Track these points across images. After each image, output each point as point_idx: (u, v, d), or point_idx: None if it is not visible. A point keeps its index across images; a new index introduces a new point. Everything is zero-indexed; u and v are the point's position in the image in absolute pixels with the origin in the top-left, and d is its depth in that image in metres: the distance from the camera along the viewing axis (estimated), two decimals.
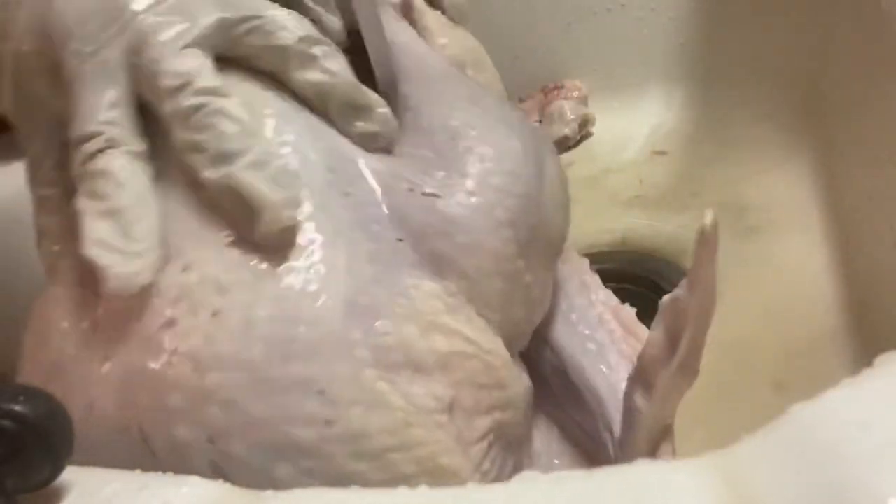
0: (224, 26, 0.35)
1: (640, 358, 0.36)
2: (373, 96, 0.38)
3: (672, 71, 0.83)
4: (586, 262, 0.47)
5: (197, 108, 0.33)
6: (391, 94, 0.41)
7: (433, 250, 0.36)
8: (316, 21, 0.38)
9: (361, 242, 0.34)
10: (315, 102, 0.37)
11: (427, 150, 0.38)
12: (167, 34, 0.34)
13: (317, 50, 0.36)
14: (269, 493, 0.27)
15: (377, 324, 0.33)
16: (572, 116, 0.81)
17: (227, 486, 0.28)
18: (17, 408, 0.26)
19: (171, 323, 0.32)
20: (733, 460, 0.24)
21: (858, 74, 0.62)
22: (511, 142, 0.39)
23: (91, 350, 0.33)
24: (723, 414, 0.49)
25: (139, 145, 0.34)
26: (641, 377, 0.36)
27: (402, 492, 0.27)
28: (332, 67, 0.37)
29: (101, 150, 0.33)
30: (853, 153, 0.62)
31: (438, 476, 0.33)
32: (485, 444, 0.35)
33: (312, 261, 0.33)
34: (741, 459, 0.24)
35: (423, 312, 0.34)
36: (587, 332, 0.44)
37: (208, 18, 0.35)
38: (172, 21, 0.34)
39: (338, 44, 0.39)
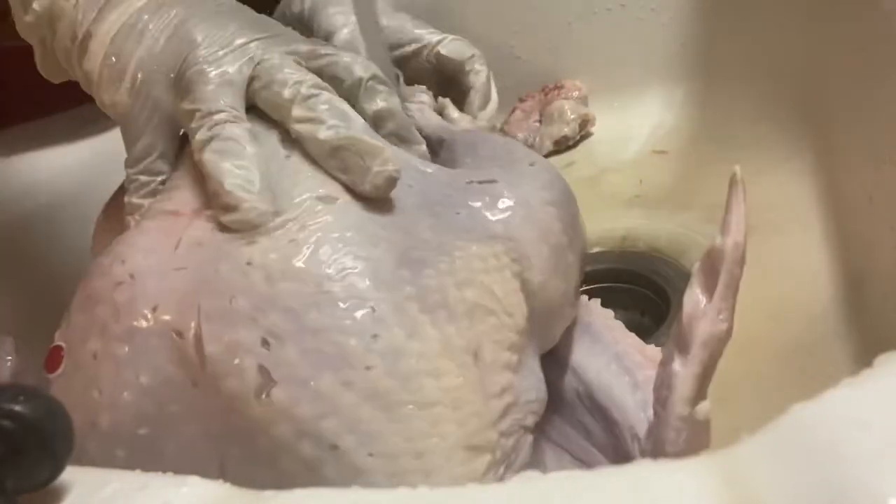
0: (312, 56, 0.44)
1: (677, 323, 0.38)
2: (418, 135, 0.47)
3: (672, 71, 0.83)
4: (610, 312, 0.50)
5: (313, 95, 0.41)
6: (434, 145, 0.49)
7: (486, 219, 0.42)
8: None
9: (424, 217, 0.41)
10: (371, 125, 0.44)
11: (485, 158, 0.46)
12: (275, 54, 0.43)
13: (381, 87, 0.45)
14: (270, 493, 0.28)
15: (424, 271, 0.38)
16: (572, 116, 0.81)
17: (227, 485, 0.28)
18: (17, 408, 0.26)
19: (251, 241, 0.38)
20: (733, 460, 0.24)
21: (858, 74, 0.62)
22: (550, 166, 0.47)
23: (168, 262, 0.38)
24: (723, 414, 0.49)
25: (248, 123, 0.42)
26: (678, 342, 0.38)
27: (402, 492, 0.27)
28: (392, 101, 0.45)
29: (227, 122, 0.41)
30: (853, 153, 0.62)
31: (459, 407, 0.36)
32: (502, 403, 0.38)
33: (381, 218, 0.39)
34: (741, 459, 0.24)
35: (461, 269, 0.39)
36: (613, 359, 0.46)
37: (303, 47, 0.44)
38: (276, 46, 0.43)
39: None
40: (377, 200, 0.40)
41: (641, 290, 0.69)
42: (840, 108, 0.65)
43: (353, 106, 0.43)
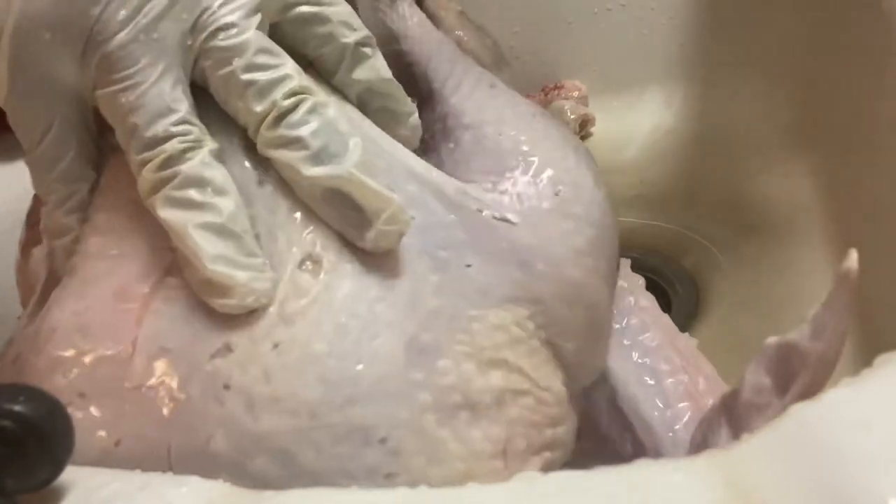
0: (285, 5, 0.32)
1: (733, 396, 0.33)
2: (408, 101, 0.37)
3: (672, 71, 0.83)
4: (641, 280, 0.43)
5: (292, 109, 0.30)
6: (426, 99, 0.39)
7: (505, 276, 0.34)
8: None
9: (427, 273, 0.32)
10: (355, 102, 0.36)
11: (496, 174, 0.36)
12: (235, 11, 0.30)
13: (369, 50, 0.35)
14: (269, 493, 0.27)
15: (438, 363, 0.31)
16: (572, 116, 0.81)
17: (227, 485, 0.28)
18: (17, 408, 0.26)
19: (225, 349, 0.30)
20: (733, 460, 0.24)
21: (858, 74, 0.62)
22: (582, 169, 0.37)
23: (125, 376, 0.30)
24: None
25: (213, 142, 0.31)
26: (730, 420, 0.33)
27: (402, 492, 0.27)
28: (378, 67, 0.35)
29: (184, 152, 0.30)
30: (853, 153, 0.62)
31: None
32: None
33: (379, 286, 0.31)
34: (741, 459, 0.24)
35: (483, 348, 0.32)
36: (644, 360, 0.40)
37: None
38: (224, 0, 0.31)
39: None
40: (373, 255, 0.32)
41: None
42: (840, 108, 0.65)
43: (334, 76, 0.34)
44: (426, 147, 0.38)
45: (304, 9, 0.32)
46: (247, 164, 0.32)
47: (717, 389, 0.39)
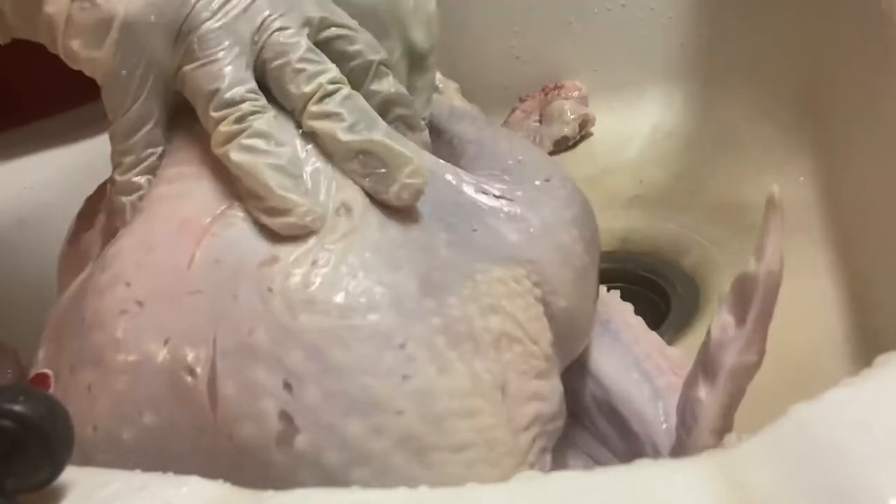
0: (324, 25, 0.40)
1: (704, 347, 0.37)
2: (419, 112, 0.43)
3: (672, 71, 0.83)
4: (630, 306, 0.48)
5: (333, 92, 0.38)
6: (433, 133, 0.46)
7: (506, 240, 0.39)
8: None
9: (439, 232, 0.38)
10: (377, 111, 0.41)
11: (496, 168, 0.43)
12: (290, 24, 0.38)
13: (388, 70, 0.42)
14: (269, 493, 0.27)
15: (447, 299, 0.35)
16: (572, 116, 0.81)
17: (228, 486, 0.28)
18: (17, 408, 0.26)
19: (272, 260, 0.34)
20: (734, 460, 0.24)
21: (858, 74, 0.62)
22: (562, 169, 0.45)
23: (181, 284, 0.34)
24: None
25: (274, 111, 0.38)
26: (704, 367, 0.36)
27: (402, 492, 0.27)
28: (399, 85, 0.42)
29: (254, 112, 0.36)
30: (853, 153, 0.62)
31: (494, 447, 0.34)
32: (530, 436, 0.37)
33: (399, 233, 0.37)
34: (741, 459, 0.24)
35: (485, 295, 0.36)
36: (633, 365, 0.44)
37: (315, 13, 0.39)
38: (289, 10, 0.38)
39: None
40: (394, 209, 0.37)
41: (641, 290, 0.69)
42: (840, 109, 0.65)
43: (359, 88, 0.40)
44: None
45: (337, 30, 0.40)
46: (295, 134, 0.38)
47: None
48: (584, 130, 0.82)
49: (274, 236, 0.35)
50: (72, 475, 0.28)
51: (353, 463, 0.32)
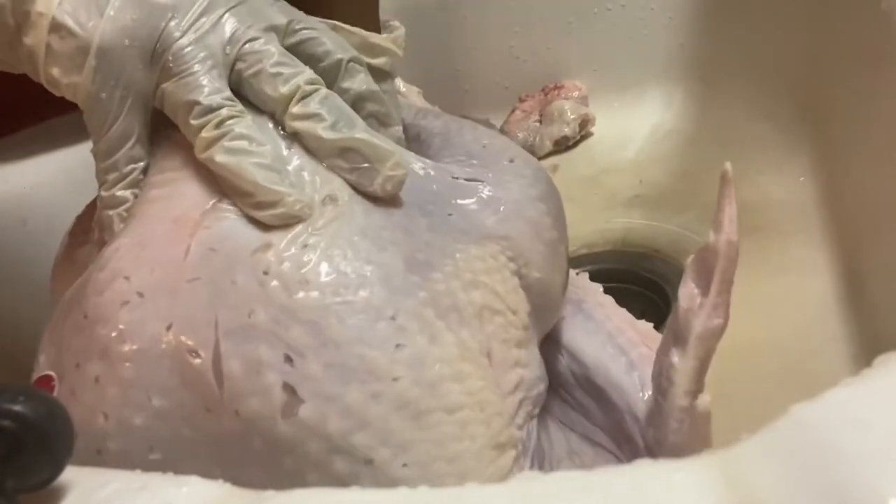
0: (289, 32, 0.41)
1: (673, 316, 0.39)
2: (394, 111, 0.45)
3: (672, 71, 0.83)
4: (599, 286, 0.50)
5: (311, 92, 0.40)
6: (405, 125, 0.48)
7: (479, 220, 0.42)
8: None
9: (418, 217, 0.40)
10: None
11: (462, 155, 0.45)
12: (259, 33, 0.40)
13: (359, 66, 0.43)
14: (270, 493, 0.28)
15: (432, 275, 0.38)
16: (572, 116, 0.81)
17: (227, 486, 0.28)
18: (17, 408, 0.26)
19: (266, 246, 0.36)
20: (734, 459, 0.24)
21: (858, 74, 0.62)
22: (527, 153, 0.47)
23: (179, 274, 0.36)
24: (723, 414, 0.49)
25: (251, 116, 0.40)
26: (675, 335, 0.39)
27: (402, 492, 0.27)
28: (369, 80, 0.43)
29: (232, 117, 0.38)
30: (853, 153, 0.62)
31: (484, 408, 0.36)
32: (516, 399, 0.39)
33: (382, 218, 0.39)
34: (741, 459, 0.24)
35: (465, 271, 0.39)
36: (607, 340, 0.46)
37: (280, 19, 0.41)
38: (254, 19, 0.40)
39: None
40: (377, 198, 0.40)
41: (641, 290, 0.69)
42: (840, 108, 0.65)
43: (331, 86, 0.41)
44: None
45: (305, 32, 0.42)
46: (276, 136, 0.40)
47: None
48: (584, 130, 0.82)
49: (265, 226, 0.37)
50: (72, 475, 0.28)
51: (354, 428, 0.34)
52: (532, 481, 0.26)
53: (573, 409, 0.47)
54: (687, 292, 0.39)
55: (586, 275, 0.50)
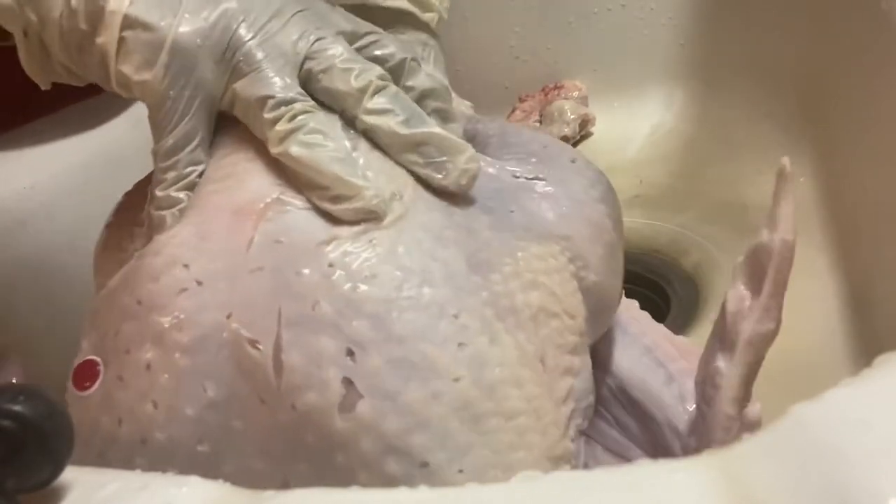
0: (355, 36, 0.42)
1: (720, 320, 0.38)
2: (455, 107, 0.45)
3: (672, 71, 0.83)
4: (635, 302, 0.49)
5: (383, 87, 0.40)
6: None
7: (542, 218, 0.41)
8: None
9: (480, 215, 0.40)
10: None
11: (522, 153, 0.44)
12: (328, 35, 0.40)
13: (419, 64, 0.43)
14: (270, 493, 0.27)
15: (491, 276, 0.37)
16: (572, 116, 0.81)
17: (228, 486, 0.28)
18: (17, 408, 0.26)
19: (332, 239, 0.36)
20: (734, 460, 0.24)
21: (858, 74, 0.62)
22: (589, 162, 0.47)
23: (241, 264, 0.35)
24: None
25: (323, 114, 0.40)
26: (722, 340, 0.37)
27: (402, 492, 0.27)
28: (431, 76, 0.43)
29: (306, 112, 0.38)
30: (853, 153, 0.62)
31: (541, 416, 0.35)
32: (567, 409, 0.38)
33: (445, 216, 0.38)
34: (742, 459, 0.24)
35: (525, 271, 0.38)
36: (644, 353, 0.45)
37: (346, 25, 0.42)
38: (323, 23, 0.41)
39: None
40: (439, 195, 0.39)
41: (641, 290, 0.69)
42: (840, 108, 0.65)
43: (397, 84, 0.41)
44: None
45: (368, 37, 0.42)
46: (342, 131, 0.39)
47: None
48: (584, 130, 0.82)
49: (329, 219, 0.36)
50: (72, 475, 0.28)
51: (412, 428, 0.33)
52: (532, 481, 0.26)
53: (608, 424, 0.46)
54: (735, 294, 0.37)
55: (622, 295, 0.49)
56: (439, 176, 0.39)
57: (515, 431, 0.34)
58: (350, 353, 0.33)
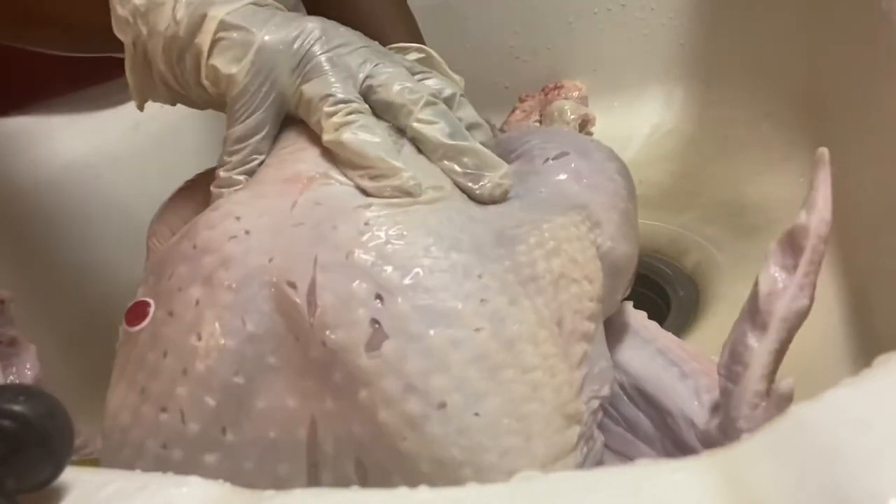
0: (411, 70, 0.46)
1: (751, 300, 0.39)
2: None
3: (672, 71, 0.83)
4: (644, 313, 0.51)
5: (433, 103, 0.44)
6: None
7: (566, 189, 0.45)
8: None
9: (514, 201, 0.44)
10: None
11: (546, 140, 0.49)
12: (388, 62, 0.45)
13: (468, 102, 0.48)
14: (270, 492, 0.28)
15: (517, 247, 0.40)
16: (572, 116, 0.81)
17: (227, 486, 0.28)
18: (17, 408, 0.26)
19: (368, 205, 0.39)
20: (734, 460, 0.24)
21: (858, 74, 0.62)
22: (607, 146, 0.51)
23: (285, 219, 0.39)
24: None
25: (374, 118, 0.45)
26: (752, 319, 0.39)
27: (402, 492, 0.27)
28: (476, 115, 0.48)
29: (360, 111, 0.43)
30: (853, 153, 0.62)
31: (555, 374, 0.38)
32: (581, 373, 0.40)
33: (478, 209, 0.42)
34: (742, 459, 0.24)
35: (550, 240, 0.41)
36: (656, 353, 0.47)
37: (403, 62, 0.47)
38: (385, 56, 0.46)
39: None
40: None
41: (641, 290, 0.69)
42: (840, 108, 0.65)
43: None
44: None
45: (423, 74, 0.47)
46: (389, 136, 0.43)
47: None
48: (584, 130, 0.82)
49: (367, 194, 0.40)
50: (72, 475, 0.28)
51: (433, 370, 0.35)
52: (532, 481, 0.26)
53: (614, 422, 0.47)
54: (768, 276, 0.38)
55: (630, 303, 0.51)
56: (475, 186, 0.43)
57: (530, 384, 0.36)
58: (379, 297, 0.36)
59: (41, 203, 0.68)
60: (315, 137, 0.43)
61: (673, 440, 0.44)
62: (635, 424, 0.46)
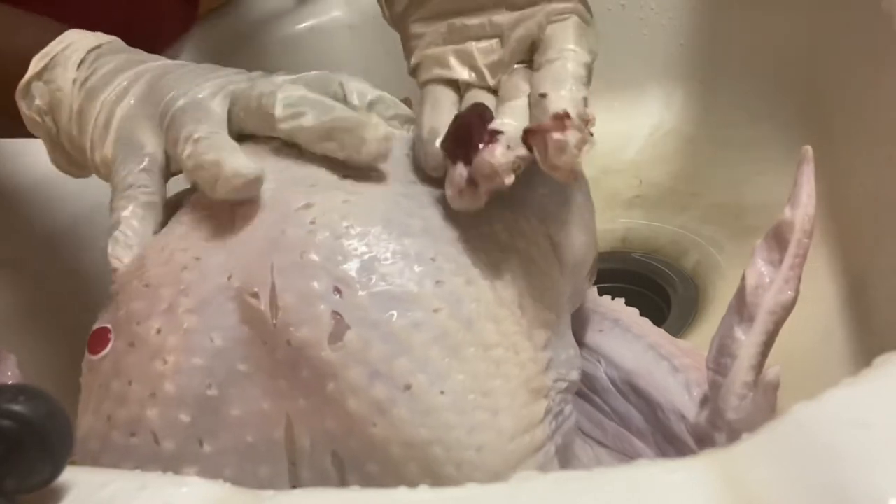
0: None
1: (738, 295, 0.40)
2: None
3: (672, 71, 0.83)
4: (636, 310, 0.51)
5: (288, 98, 0.42)
6: None
7: (514, 189, 0.42)
8: None
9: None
10: None
11: None
12: (242, 81, 0.45)
13: (357, 80, 0.45)
14: (270, 493, 0.28)
15: (469, 231, 0.40)
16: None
17: (227, 486, 0.28)
18: (17, 408, 0.26)
19: (309, 205, 0.39)
20: (733, 460, 0.24)
21: (858, 74, 0.62)
22: None
23: (231, 237, 0.39)
24: None
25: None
26: (740, 312, 0.40)
27: (402, 492, 0.27)
28: (377, 89, 0.46)
29: (213, 134, 0.41)
30: (854, 153, 0.62)
31: (519, 352, 0.38)
32: (546, 356, 0.40)
33: (422, 190, 0.41)
34: (741, 459, 0.24)
35: (501, 232, 0.41)
36: (648, 347, 0.48)
37: (277, 78, 0.45)
38: (242, 77, 0.46)
39: None
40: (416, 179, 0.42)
41: (641, 290, 0.69)
42: (840, 108, 0.65)
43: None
44: None
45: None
46: (290, 160, 0.42)
47: None
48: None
49: (304, 191, 0.39)
50: (72, 475, 0.28)
51: (396, 354, 0.35)
52: (532, 481, 0.26)
53: (607, 418, 0.47)
54: (755, 270, 0.40)
55: (622, 300, 0.51)
56: (354, 153, 0.40)
57: (493, 361, 0.37)
58: (337, 290, 0.36)
59: (33, 205, 0.68)
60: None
61: (664, 433, 0.44)
62: (627, 419, 0.47)
